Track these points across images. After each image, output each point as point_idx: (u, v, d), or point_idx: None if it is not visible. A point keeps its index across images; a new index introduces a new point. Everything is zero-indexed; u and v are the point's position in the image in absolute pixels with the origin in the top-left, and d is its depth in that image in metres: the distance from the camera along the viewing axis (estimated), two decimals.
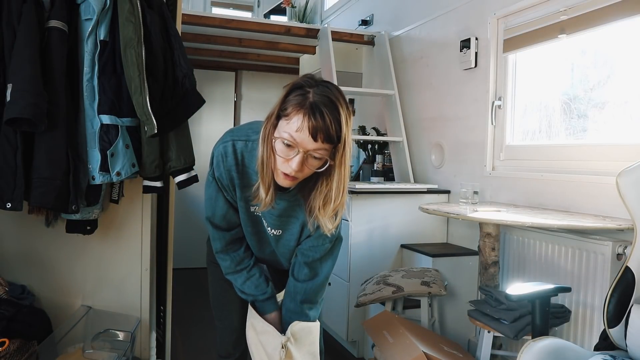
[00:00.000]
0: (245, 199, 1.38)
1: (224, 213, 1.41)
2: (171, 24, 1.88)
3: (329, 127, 1.13)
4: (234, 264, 1.47)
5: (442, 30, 3.00)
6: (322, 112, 1.12)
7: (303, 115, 1.13)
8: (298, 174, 1.20)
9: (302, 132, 1.14)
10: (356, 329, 2.67)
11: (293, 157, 1.17)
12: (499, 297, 1.89)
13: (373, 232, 2.76)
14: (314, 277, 1.45)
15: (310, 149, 1.15)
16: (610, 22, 1.98)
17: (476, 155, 2.68)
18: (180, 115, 1.88)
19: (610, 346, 1.40)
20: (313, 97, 1.14)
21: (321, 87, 1.16)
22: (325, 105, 1.13)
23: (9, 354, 1.62)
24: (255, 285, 1.48)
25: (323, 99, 1.14)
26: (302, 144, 1.15)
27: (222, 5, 5.62)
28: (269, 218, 1.41)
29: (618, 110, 2.07)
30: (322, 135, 1.14)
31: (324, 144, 1.15)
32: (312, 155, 1.17)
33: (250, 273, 1.48)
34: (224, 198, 1.39)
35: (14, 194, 1.59)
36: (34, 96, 1.54)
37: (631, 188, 1.37)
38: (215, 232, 1.45)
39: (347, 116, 1.17)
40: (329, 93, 1.15)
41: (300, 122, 1.13)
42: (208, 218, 1.44)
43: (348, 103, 1.20)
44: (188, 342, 2.92)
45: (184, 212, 4.36)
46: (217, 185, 1.38)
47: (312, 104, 1.13)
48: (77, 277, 2.05)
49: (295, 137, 1.15)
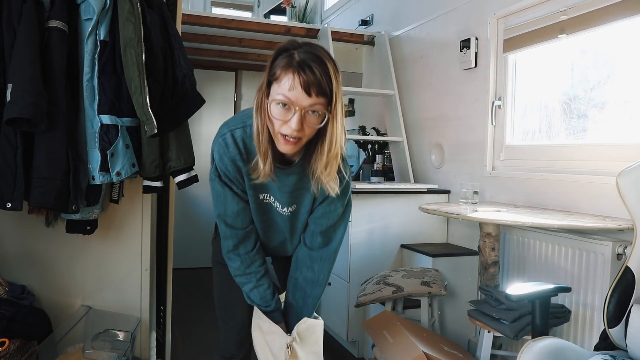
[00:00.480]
0: (254, 187, 1.36)
1: (237, 210, 1.39)
2: (171, 24, 1.88)
3: (320, 80, 1.14)
4: (243, 265, 1.45)
5: (442, 30, 3.00)
6: (310, 67, 1.14)
7: (292, 73, 1.15)
8: (299, 133, 1.19)
9: (295, 90, 1.15)
10: (356, 329, 2.67)
11: (291, 117, 1.17)
12: (499, 297, 1.89)
13: (373, 232, 2.76)
14: (327, 244, 1.45)
15: (306, 105, 1.16)
16: (610, 22, 1.98)
17: (476, 155, 2.68)
18: (180, 115, 1.88)
19: (610, 346, 1.40)
20: (299, 56, 1.16)
21: (305, 47, 1.18)
22: (313, 60, 1.15)
23: (9, 354, 1.62)
24: (261, 296, 1.47)
25: (309, 56, 1.15)
26: (297, 101, 1.16)
27: (222, 5, 5.62)
28: (282, 197, 1.38)
29: (618, 110, 2.07)
30: (315, 89, 1.15)
31: (318, 98, 1.16)
32: (309, 111, 1.17)
33: (259, 282, 1.46)
34: (232, 193, 1.37)
35: (14, 194, 1.59)
36: (34, 96, 1.54)
37: (631, 188, 1.37)
38: (227, 229, 1.42)
39: (335, 71, 1.18)
40: (314, 50, 1.17)
41: (291, 80, 1.15)
42: (220, 216, 1.41)
43: (334, 60, 1.21)
44: (188, 342, 2.92)
45: (184, 212, 4.36)
46: (221, 181, 1.36)
47: (299, 62, 1.15)
48: (77, 277, 2.05)
49: (289, 96, 1.15)
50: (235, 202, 1.39)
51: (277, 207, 1.43)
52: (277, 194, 1.38)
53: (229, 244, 1.44)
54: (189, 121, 1.93)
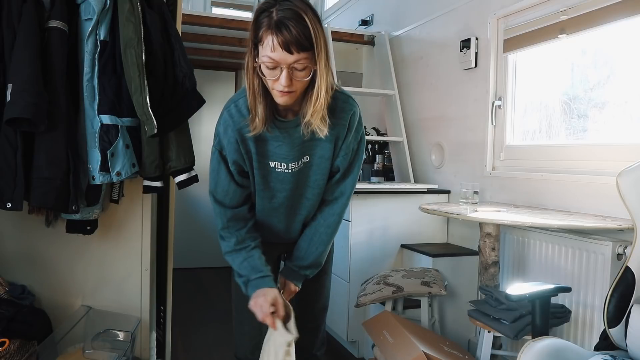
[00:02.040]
0: (263, 153, 1.38)
1: (227, 188, 1.41)
2: (171, 24, 1.88)
3: (298, 36, 1.17)
4: (232, 243, 1.44)
5: (442, 30, 3.00)
6: (287, 26, 1.17)
7: (271, 34, 1.18)
8: (291, 88, 1.24)
9: (277, 50, 1.18)
10: (356, 329, 2.67)
11: (279, 75, 1.21)
12: (499, 297, 1.89)
13: (373, 232, 2.76)
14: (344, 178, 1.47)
15: (290, 62, 1.20)
16: (610, 22, 1.98)
17: (476, 155, 2.68)
18: (181, 115, 1.88)
19: (610, 346, 1.40)
20: (276, 14, 1.18)
21: (282, 3, 1.19)
22: (289, 18, 1.17)
23: (9, 354, 1.62)
24: (252, 266, 1.43)
25: (286, 13, 1.17)
26: (281, 60, 1.19)
27: (222, 5, 5.62)
28: (292, 153, 1.38)
29: (618, 110, 2.07)
30: (295, 46, 1.18)
31: (300, 54, 1.19)
32: (296, 67, 1.21)
33: (249, 253, 1.44)
34: (227, 171, 1.40)
35: (14, 194, 1.59)
36: (34, 96, 1.54)
37: (631, 188, 1.37)
38: (216, 206, 1.44)
39: (314, 21, 1.21)
40: (290, 6, 1.19)
41: (271, 42, 1.18)
42: (211, 192, 1.44)
43: (314, 9, 1.23)
44: (188, 342, 2.92)
45: (184, 212, 4.36)
46: (220, 155, 1.39)
47: (276, 22, 1.17)
48: (77, 277, 2.05)
49: (273, 57, 1.19)
50: (227, 180, 1.41)
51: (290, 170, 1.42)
52: (287, 153, 1.39)
53: (219, 222, 1.45)
54: (189, 121, 1.93)
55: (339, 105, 1.37)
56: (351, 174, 1.48)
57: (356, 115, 1.40)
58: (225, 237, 1.45)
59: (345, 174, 1.47)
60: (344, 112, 1.37)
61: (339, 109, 1.36)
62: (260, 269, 1.43)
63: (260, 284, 1.40)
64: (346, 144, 1.41)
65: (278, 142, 1.37)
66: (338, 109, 1.36)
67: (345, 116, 1.38)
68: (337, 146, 1.41)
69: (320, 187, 1.47)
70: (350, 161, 1.45)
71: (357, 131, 1.42)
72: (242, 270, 1.43)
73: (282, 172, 1.41)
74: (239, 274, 1.45)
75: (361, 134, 1.45)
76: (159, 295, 2.30)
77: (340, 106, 1.37)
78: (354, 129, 1.41)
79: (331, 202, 1.50)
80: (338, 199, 1.50)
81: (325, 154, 1.40)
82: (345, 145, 1.41)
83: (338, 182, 1.48)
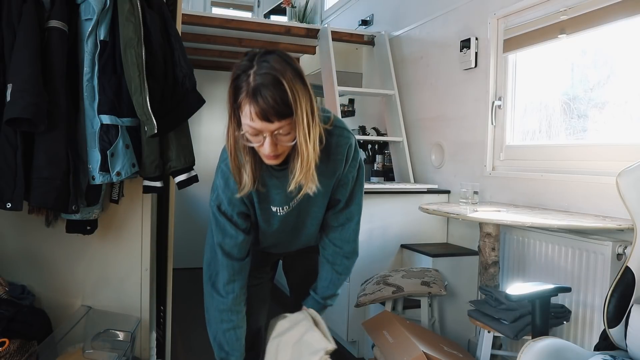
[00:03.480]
0: (265, 200, 1.37)
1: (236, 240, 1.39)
2: (171, 24, 1.88)
3: (276, 105, 1.11)
4: (229, 300, 1.42)
5: (442, 30, 3.00)
6: (264, 95, 1.11)
7: (249, 103, 1.12)
8: (277, 151, 1.20)
9: (256, 120, 1.14)
10: (356, 329, 2.67)
11: (263, 142, 1.18)
12: (499, 297, 1.89)
13: (373, 232, 2.76)
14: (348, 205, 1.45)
15: (272, 130, 1.15)
16: (610, 22, 1.98)
17: (476, 155, 2.68)
18: (180, 115, 1.87)
19: (610, 346, 1.40)
20: (253, 79, 1.12)
21: (260, 65, 1.14)
22: (265, 85, 1.11)
23: (9, 354, 1.62)
24: (236, 338, 1.44)
25: (264, 79, 1.11)
26: (263, 129, 1.15)
27: (222, 5, 5.62)
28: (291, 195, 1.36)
29: (618, 110, 2.07)
30: (274, 115, 1.12)
31: (281, 122, 1.14)
32: (279, 133, 1.17)
33: (240, 323, 1.45)
34: (230, 223, 1.37)
35: (14, 194, 1.59)
36: (34, 96, 1.54)
37: (631, 188, 1.37)
38: (224, 259, 1.40)
39: (293, 83, 1.13)
40: (268, 69, 1.13)
41: (249, 112, 1.13)
42: (219, 244, 1.40)
43: (294, 66, 1.16)
44: (188, 342, 2.92)
45: (184, 212, 4.36)
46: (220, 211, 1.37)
47: (253, 90, 1.12)
48: (77, 277, 2.05)
49: (254, 126, 1.15)
50: (234, 231, 1.38)
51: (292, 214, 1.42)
52: (286, 198, 1.37)
53: (224, 275, 1.42)
54: (189, 121, 1.93)
55: (334, 140, 1.33)
56: (354, 200, 1.46)
57: (352, 147, 1.37)
58: (222, 292, 1.42)
59: (348, 202, 1.45)
60: (340, 147, 1.34)
61: (334, 145, 1.33)
62: (242, 350, 1.46)
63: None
64: (344, 175, 1.40)
65: (277, 189, 1.35)
66: (334, 145, 1.33)
67: (342, 151, 1.35)
68: (335, 179, 1.40)
69: (319, 217, 1.47)
70: (351, 189, 1.44)
71: (354, 159, 1.40)
72: (226, 341, 1.44)
73: (285, 212, 1.41)
74: (217, 341, 1.46)
75: (359, 162, 1.44)
76: (159, 295, 2.30)
77: (335, 141, 1.33)
78: (351, 160, 1.39)
79: (339, 229, 1.49)
80: (345, 225, 1.48)
81: (324, 189, 1.38)
82: (344, 176, 1.40)
83: (342, 210, 1.46)
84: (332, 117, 1.34)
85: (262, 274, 1.67)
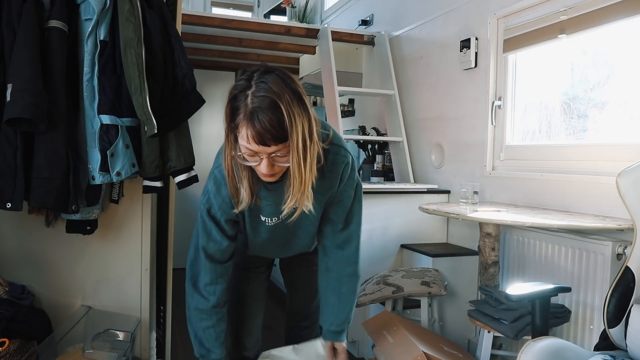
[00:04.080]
0: (256, 210, 1.37)
1: (220, 246, 1.40)
2: (171, 24, 1.88)
3: (271, 130, 1.11)
4: (210, 303, 1.42)
5: (442, 30, 3.00)
6: (260, 118, 1.10)
7: (246, 126, 1.12)
8: (273, 171, 1.20)
9: (252, 143, 1.13)
10: (356, 329, 2.67)
11: (260, 162, 1.18)
12: (499, 297, 1.89)
13: (373, 232, 2.76)
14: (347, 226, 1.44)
15: (270, 152, 1.15)
16: (610, 22, 1.98)
17: (476, 155, 2.68)
18: (180, 115, 1.87)
19: (610, 346, 1.40)
20: (251, 101, 1.11)
21: (258, 86, 1.12)
22: (263, 109, 1.10)
23: (9, 354, 1.62)
24: (215, 336, 1.44)
25: (261, 101, 1.10)
26: (259, 151, 1.15)
27: (222, 5, 5.62)
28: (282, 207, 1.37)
29: (618, 110, 2.07)
30: (270, 139, 1.12)
31: (277, 145, 1.14)
32: (276, 155, 1.17)
33: (220, 321, 1.45)
34: (217, 228, 1.38)
35: (14, 194, 1.59)
36: (34, 96, 1.54)
37: (631, 188, 1.37)
38: (207, 262, 1.41)
39: (290, 107, 1.12)
40: (266, 91, 1.11)
41: (246, 133, 1.12)
42: (202, 247, 1.40)
43: (293, 87, 1.15)
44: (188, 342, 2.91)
45: (184, 212, 4.35)
46: (209, 215, 1.38)
47: (250, 112, 1.11)
48: (77, 277, 2.05)
49: (251, 148, 1.15)
50: (219, 237, 1.39)
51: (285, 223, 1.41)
52: (277, 209, 1.36)
53: (205, 277, 1.42)
54: (189, 121, 1.93)
55: (331, 158, 1.32)
56: (353, 220, 1.46)
57: (349, 166, 1.37)
58: (205, 294, 1.43)
59: (347, 222, 1.45)
60: (336, 165, 1.34)
61: (330, 162, 1.32)
62: (222, 349, 1.46)
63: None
64: (339, 192, 1.39)
65: (269, 201, 1.36)
66: (330, 162, 1.32)
67: (338, 169, 1.35)
68: (329, 196, 1.39)
69: (312, 230, 1.48)
70: (349, 209, 1.43)
71: (350, 178, 1.39)
72: (206, 338, 1.44)
73: (273, 224, 1.41)
74: (197, 338, 1.45)
75: (356, 181, 1.43)
76: (159, 295, 2.30)
77: (332, 159, 1.33)
78: (347, 178, 1.38)
79: (339, 249, 1.48)
80: (344, 248, 1.47)
81: (317, 205, 1.37)
82: (339, 193, 1.39)
83: (342, 230, 1.46)
84: (331, 134, 1.32)
85: (256, 274, 1.68)
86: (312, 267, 1.61)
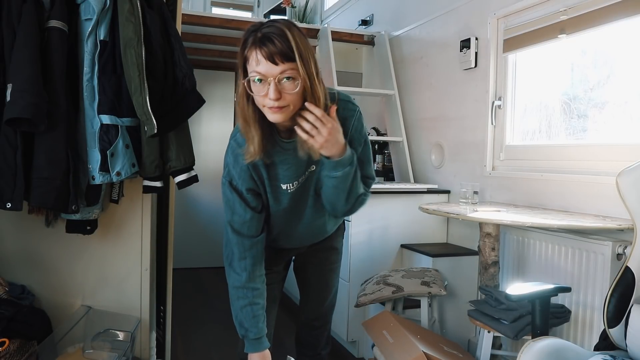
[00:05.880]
0: (275, 177, 1.38)
1: (244, 217, 1.40)
2: (171, 24, 1.88)
3: (281, 47, 1.18)
4: (244, 278, 1.43)
5: (442, 30, 3.00)
6: (270, 39, 1.18)
7: (255, 49, 1.19)
8: (281, 102, 1.22)
9: (262, 63, 1.18)
10: (356, 329, 2.67)
11: (268, 88, 1.21)
12: (499, 297, 1.89)
13: (373, 232, 2.76)
14: None
15: (276, 73, 1.19)
16: (610, 22, 1.98)
17: (476, 155, 2.68)
18: (180, 115, 1.88)
19: (610, 346, 1.40)
20: (261, 32, 1.20)
21: (267, 24, 1.22)
22: (272, 33, 1.19)
23: (9, 354, 1.62)
24: (252, 314, 1.44)
25: (269, 30, 1.19)
26: (267, 73, 1.19)
27: (222, 5, 5.62)
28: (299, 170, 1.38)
29: (618, 110, 2.07)
30: (279, 57, 1.18)
31: (285, 64, 1.18)
32: (283, 79, 1.20)
33: (256, 300, 1.45)
34: (240, 200, 1.39)
35: (14, 194, 1.59)
36: (34, 96, 1.54)
37: (631, 188, 1.37)
38: (234, 236, 1.42)
39: (299, 36, 1.21)
40: (274, 24, 1.21)
41: (256, 56, 1.19)
42: (228, 222, 1.43)
43: (301, 30, 1.24)
44: (188, 342, 2.92)
45: (184, 212, 4.36)
46: (231, 186, 1.39)
47: (260, 37, 1.19)
48: (77, 277, 2.05)
49: (259, 70, 1.19)
50: (243, 209, 1.40)
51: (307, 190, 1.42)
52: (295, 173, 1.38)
53: (235, 251, 1.43)
54: (189, 121, 1.93)
55: (340, 112, 1.33)
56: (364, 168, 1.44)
57: (360, 115, 1.39)
58: (237, 270, 1.44)
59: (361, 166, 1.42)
60: (345, 120, 1.35)
61: (340, 118, 1.32)
62: (260, 326, 1.46)
63: (257, 347, 1.46)
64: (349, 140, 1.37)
65: (286, 164, 1.37)
66: (341, 118, 1.32)
67: (348, 123, 1.36)
68: None
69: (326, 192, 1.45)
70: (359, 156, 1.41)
71: (360, 124, 1.40)
72: (244, 317, 1.45)
73: (294, 188, 1.42)
74: (238, 319, 1.46)
75: (364, 137, 1.42)
76: (159, 295, 2.30)
77: (341, 114, 1.33)
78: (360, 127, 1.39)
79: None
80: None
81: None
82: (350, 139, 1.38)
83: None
84: (337, 93, 1.37)
85: (274, 273, 1.67)
86: (326, 266, 1.61)
